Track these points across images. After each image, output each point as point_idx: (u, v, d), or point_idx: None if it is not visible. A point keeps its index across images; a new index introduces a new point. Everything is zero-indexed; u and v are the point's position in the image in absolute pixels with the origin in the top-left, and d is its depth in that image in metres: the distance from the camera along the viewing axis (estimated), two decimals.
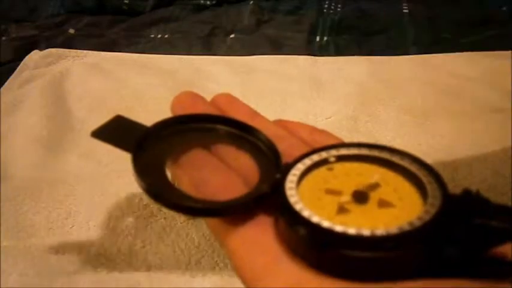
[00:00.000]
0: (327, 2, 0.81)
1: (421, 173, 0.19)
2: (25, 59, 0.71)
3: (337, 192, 0.19)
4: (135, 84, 0.63)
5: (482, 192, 0.18)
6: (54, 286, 0.41)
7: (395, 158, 0.20)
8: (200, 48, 0.74)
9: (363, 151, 0.21)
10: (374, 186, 0.19)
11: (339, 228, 0.17)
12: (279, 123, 0.26)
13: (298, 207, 0.18)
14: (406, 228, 0.17)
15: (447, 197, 0.18)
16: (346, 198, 0.19)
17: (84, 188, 0.50)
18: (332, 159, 0.21)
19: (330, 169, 0.21)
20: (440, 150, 0.50)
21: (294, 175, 0.20)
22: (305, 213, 0.18)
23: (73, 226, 0.46)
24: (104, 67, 0.67)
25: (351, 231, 0.17)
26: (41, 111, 0.60)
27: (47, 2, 0.87)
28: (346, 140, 0.25)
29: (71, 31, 0.80)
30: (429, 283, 0.16)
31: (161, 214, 0.47)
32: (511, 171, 0.45)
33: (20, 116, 0.60)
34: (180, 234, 0.45)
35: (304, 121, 0.29)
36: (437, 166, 0.20)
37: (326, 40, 0.73)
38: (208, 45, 0.75)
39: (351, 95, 0.60)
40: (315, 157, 0.21)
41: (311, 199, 0.19)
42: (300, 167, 0.20)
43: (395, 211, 0.18)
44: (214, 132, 0.24)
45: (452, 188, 0.19)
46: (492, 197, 0.17)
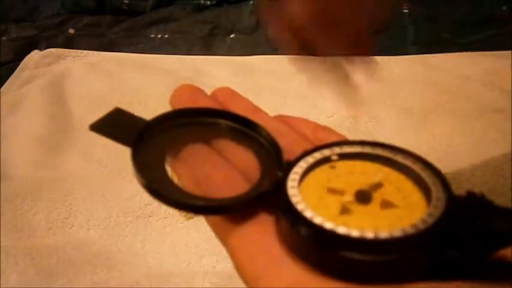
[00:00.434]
0: None
1: (425, 174, 0.19)
2: (25, 59, 0.71)
3: (339, 191, 0.19)
4: (135, 84, 0.63)
5: (483, 191, 0.18)
6: (54, 286, 0.41)
7: (398, 157, 0.20)
8: (200, 48, 0.74)
9: (366, 149, 0.21)
10: (377, 186, 0.19)
11: (342, 230, 0.17)
12: (281, 118, 0.26)
13: (300, 207, 0.18)
14: (410, 231, 0.16)
15: (451, 199, 0.17)
16: (348, 198, 0.19)
17: (84, 188, 0.50)
18: (335, 157, 0.21)
19: (333, 167, 0.20)
20: (440, 150, 0.50)
21: (296, 173, 0.20)
22: (307, 213, 0.18)
23: (73, 226, 0.46)
24: (104, 67, 0.67)
25: (354, 233, 0.16)
26: (41, 111, 0.60)
27: (47, 2, 0.87)
28: None
29: (71, 31, 0.80)
30: (432, 286, 0.16)
31: (161, 214, 0.47)
32: (511, 171, 0.45)
33: (20, 116, 0.60)
34: (180, 234, 0.45)
35: None
36: (436, 166, 0.20)
37: None
38: (208, 45, 0.75)
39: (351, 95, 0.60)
40: (317, 155, 0.21)
41: (313, 198, 0.19)
42: (302, 165, 0.20)
43: (398, 212, 0.18)
44: (215, 126, 0.23)
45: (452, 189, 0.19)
46: (492, 198, 0.17)
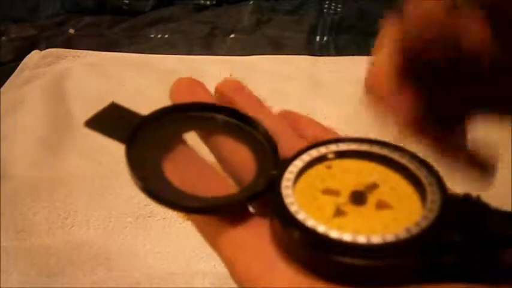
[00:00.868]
0: (327, 2, 0.81)
1: (422, 173, 0.19)
2: (25, 59, 0.71)
3: (334, 192, 0.19)
4: (135, 84, 0.63)
5: (480, 193, 0.17)
6: (54, 286, 0.41)
7: (395, 156, 0.20)
8: (200, 48, 0.74)
9: (363, 147, 0.21)
10: (373, 186, 0.19)
11: (334, 234, 0.16)
12: (286, 114, 0.25)
13: (293, 208, 0.18)
14: (403, 235, 0.16)
15: (446, 202, 0.17)
16: (343, 199, 0.18)
17: (84, 188, 0.50)
18: (331, 155, 0.20)
19: (329, 167, 0.20)
20: None
21: (291, 172, 0.19)
22: (300, 215, 0.17)
23: (73, 226, 0.46)
24: (104, 67, 0.67)
25: (347, 237, 0.16)
26: (41, 111, 0.60)
27: (47, 2, 0.87)
28: None
29: (71, 31, 0.80)
30: None
31: (161, 214, 0.47)
32: (511, 171, 0.45)
33: (20, 116, 0.60)
34: (180, 234, 0.45)
35: None
36: (436, 166, 0.20)
37: (326, 40, 0.73)
38: (208, 45, 0.75)
39: (351, 95, 0.59)
40: (314, 153, 0.20)
41: (308, 199, 0.18)
42: (298, 164, 0.20)
43: (393, 213, 0.18)
44: (212, 121, 0.23)
45: (451, 189, 0.19)
46: (492, 198, 0.17)
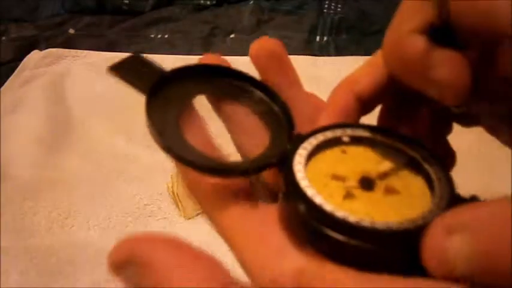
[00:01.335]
0: (327, 2, 0.81)
1: (433, 169, 0.19)
2: (25, 59, 0.71)
3: (345, 176, 0.19)
4: None
5: (480, 193, 0.17)
6: (54, 286, 0.41)
7: (409, 149, 0.20)
8: (200, 48, 0.74)
9: (378, 136, 0.20)
10: (383, 175, 0.19)
11: (340, 213, 0.17)
12: (313, 99, 0.24)
13: (303, 184, 0.18)
14: (408, 225, 0.16)
15: (454, 199, 0.17)
16: (353, 183, 0.18)
17: (84, 188, 0.50)
18: (346, 138, 0.20)
19: (343, 152, 0.20)
20: None
21: (305, 149, 0.19)
22: (309, 191, 0.17)
23: (73, 226, 0.46)
24: (104, 67, 0.67)
25: (352, 219, 0.16)
26: (41, 111, 0.60)
27: (47, 2, 0.87)
28: None
29: (71, 31, 0.80)
30: (427, 279, 0.16)
31: (161, 214, 0.47)
32: (511, 171, 0.45)
33: (20, 116, 0.60)
34: (180, 234, 0.45)
35: None
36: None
37: (326, 40, 0.73)
38: (208, 45, 0.75)
39: None
40: (329, 134, 0.20)
41: (318, 178, 0.19)
42: (312, 142, 0.20)
43: (400, 204, 0.18)
44: (231, 87, 0.22)
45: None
46: (491, 198, 0.17)
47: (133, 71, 0.23)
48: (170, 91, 0.22)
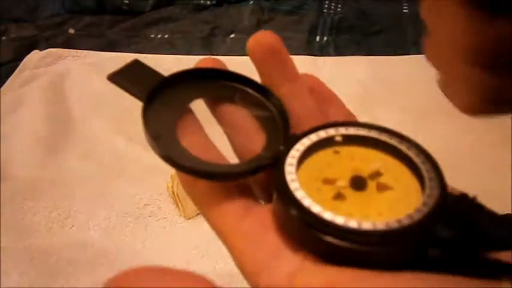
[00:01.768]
0: (327, 2, 0.81)
1: (425, 167, 0.19)
2: (25, 59, 0.71)
3: (337, 176, 0.19)
4: None
5: (480, 193, 0.17)
6: (54, 286, 0.41)
7: (403, 146, 0.20)
8: (200, 48, 0.74)
9: (372, 133, 0.21)
10: (375, 174, 0.19)
11: (328, 215, 0.17)
12: (318, 88, 0.24)
13: (293, 186, 0.18)
14: (393, 225, 0.16)
15: (443, 198, 0.17)
16: (344, 183, 0.19)
17: (84, 188, 0.50)
18: (339, 138, 0.20)
19: (336, 152, 0.20)
20: (439, 149, 0.50)
21: (298, 150, 0.20)
22: (298, 193, 0.18)
23: (73, 226, 0.46)
24: (104, 67, 0.67)
25: (339, 220, 0.17)
26: (41, 111, 0.60)
27: (47, 2, 0.87)
28: None
29: (71, 31, 0.80)
30: (421, 277, 0.16)
31: (161, 214, 0.47)
32: (511, 171, 0.45)
33: (20, 116, 0.60)
34: (180, 234, 0.45)
35: None
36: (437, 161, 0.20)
37: (326, 40, 0.73)
38: (208, 45, 0.75)
39: (351, 95, 0.60)
40: (322, 133, 0.20)
41: (310, 180, 0.19)
42: (305, 142, 0.20)
43: (391, 203, 0.18)
44: (228, 89, 0.23)
45: (450, 189, 0.19)
46: (490, 198, 0.17)
47: (132, 78, 0.23)
48: (168, 96, 0.22)
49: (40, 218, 0.47)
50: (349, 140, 0.21)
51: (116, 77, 0.23)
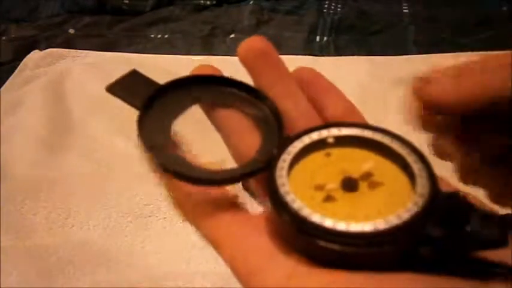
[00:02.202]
0: (327, 2, 0.81)
1: (417, 166, 0.19)
2: (25, 59, 0.71)
3: (326, 180, 0.19)
4: None
5: (480, 193, 0.17)
6: (54, 286, 0.41)
7: (394, 145, 0.20)
8: (200, 48, 0.74)
9: (365, 133, 0.21)
10: (366, 175, 0.19)
11: (317, 218, 0.17)
12: (314, 80, 0.24)
13: (283, 190, 0.18)
14: (382, 226, 0.16)
15: (433, 197, 0.17)
16: (335, 185, 0.19)
17: (84, 188, 0.50)
18: (331, 139, 0.21)
19: (328, 154, 0.20)
20: None
21: (289, 153, 0.20)
22: (288, 197, 0.18)
23: (73, 226, 0.46)
24: (104, 67, 0.68)
25: (328, 223, 0.17)
26: (41, 111, 0.60)
27: (47, 2, 0.87)
28: None
29: (71, 31, 0.80)
30: (413, 278, 0.16)
31: (161, 214, 0.47)
32: None
33: (20, 116, 0.60)
34: (180, 234, 0.45)
35: None
36: (436, 166, 0.20)
37: (326, 40, 0.73)
38: (208, 45, 0.75)
39: (351, 95, 0.59)
40: (315, 135, 0.20)
41: (301, 182, 0.19)
42: (297, 145, 0.20)
43: (381, 203, 0.18)
44: (223, 94, 0.23)
45: (446, 184, 0.19)
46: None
47: (129, 88, 0.23)
48: (163, 105, 0.22)
49: (40, 218, 0.47)
50: (341, 141, 0.21)
51: (114, 88, 0.23)
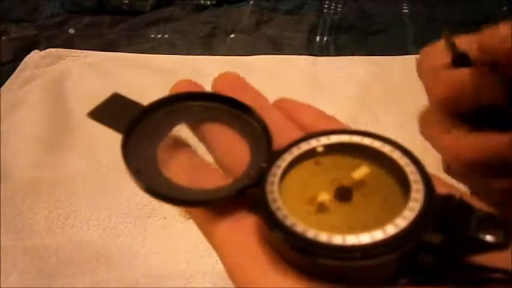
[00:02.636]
0: (327, 2, 0.81)
1: (410, 169, 0.18)
2: (25, 59, 0.71)
3: (317, 192, 0.18)
4: (135, 84, 0.63)
5: (461, 195, 0.17)
6: (54, 286, 0.41)
7: (385, 149, 0.19)
8: (200, 48, 0.74)
9: (354, 139, 0.20)
10: (359, 183, 0.19)
11: (311, 233, 0.16)
12: (282, 104, 0.25)
13: (274, 206, 0.18)
14: (379, 236, 0.16)
15: (430, 200, 0.17)
16: (328, 196, 0.18)
17: (84, 188, 0.50)
18: (320, 148, 0.20)
19: (317, 163, 0.20)
20: None
21: (279, 167, 0.19)
22: (280, 213, 0.17)
23: (73, 226, 0.46)
24: (104, 67, 0.67)
25: (323, 238, 0.16)
26: (41, 111, 0.60)
27: (47, 2, 0.87)
28: None
29: (71, 31, 0.80)
30: None
31: (161, 214, 0.47)
32: None
33: (20, 116, 0.60)
34: (180, 234, 0.45)
35: None
36: (436, 166, 0.19)
37: (326, 40, 0.73)
38: (208, 45, 0.75)
39: (351, 95, 0.60)
40: (304, 146, 0.20)
41: (293, 195, 0.18)
42: (286, 158, 0.19)
43: (376, 212, 0.18)
44: (208, 111, 0.23)
45: (442, 183, 0.19)
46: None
47: (111, 113, 0.23)
48: (147, 127, 0.22)
49: (40, 218, 0.47)
50: (331, 149, 0.20)
51: (96, 114, 0.23)
